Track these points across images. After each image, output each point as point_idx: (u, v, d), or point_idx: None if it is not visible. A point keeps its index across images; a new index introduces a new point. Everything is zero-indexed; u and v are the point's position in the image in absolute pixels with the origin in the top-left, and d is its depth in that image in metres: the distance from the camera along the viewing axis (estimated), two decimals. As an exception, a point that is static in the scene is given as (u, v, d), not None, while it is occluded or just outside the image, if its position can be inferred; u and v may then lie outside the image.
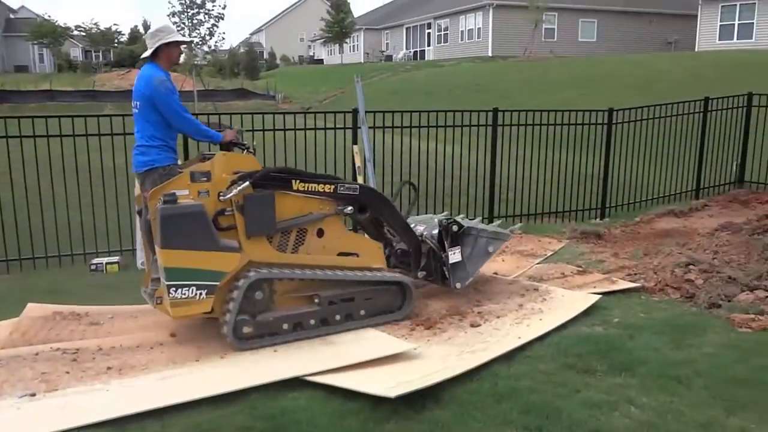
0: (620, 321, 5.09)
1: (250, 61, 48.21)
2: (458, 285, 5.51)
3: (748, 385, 4.00)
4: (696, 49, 29.89)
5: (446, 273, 5.48)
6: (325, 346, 4.63)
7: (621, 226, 8.74)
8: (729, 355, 4.44)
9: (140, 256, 7.31)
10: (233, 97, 30.27)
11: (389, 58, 47.16)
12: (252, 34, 76.83)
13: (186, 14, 27.24)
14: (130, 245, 7.48)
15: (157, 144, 4.73)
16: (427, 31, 44.82)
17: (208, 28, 27.72)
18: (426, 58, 43.15)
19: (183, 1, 26.94)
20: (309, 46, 66.56)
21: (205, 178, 4.48)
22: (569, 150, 9.21)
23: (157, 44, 4.73)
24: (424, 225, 5.72)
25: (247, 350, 4.50)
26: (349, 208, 4.97)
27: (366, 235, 5.50)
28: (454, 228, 5.46)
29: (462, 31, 39.99)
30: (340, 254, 4.99)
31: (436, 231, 5.52)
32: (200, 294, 4.31)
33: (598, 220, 9.35)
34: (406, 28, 47.87)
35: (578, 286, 6.04)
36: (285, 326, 4.64)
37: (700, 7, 30.60)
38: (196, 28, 27.60)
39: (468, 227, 5.54)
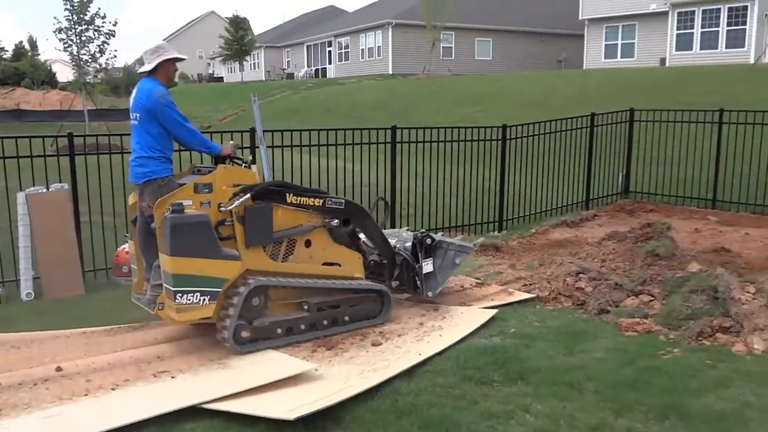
0: (516, 331, 5.24)
1: (146, 79, 46.56)
2: (430, 293, 5.86)
3: (635, 386, 4.20)
4: (584, 67, 31.58)
5: (418, 282, 5.83)
6: (223, 371, 4.50)
7: (518, 238, 9.03)
8: (617, 359, 4.65)
9: (25, 287, 6.91)
10: (128, 117, 28.99)
11: (291, 76, 47.00)
12: (148, 51, 74.48)
13: (74, 30, 26.02)
14: (12, 275, 7.02)
15: (156, 155, 4.85)
16: (328, 49, 45.04)
17: (98, 45, 26.58)
18: (328, 76, 43.30)
19: (70, 18, 25.71)
20: (208, 64, 65.28)
21: (207, 190, 4.72)
22: (467, 165, 9.44)
23: (159, 60, 4.88)
24: (395, 238, 6.07)
25: (151, 379, 4.34)
26: (336, 220, 5.30)
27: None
28: (428, 241, 5.85)
29: (363, 50, 40.45)
30: (325, 264, 5.27)
31: (408, 243, 5.93)
32: (204, 300, 4.53)
33: (496, 232, 9.61)
34: (307, 46, 47.91)
35: (477, 299, 6.19)
36: (279, 331, 4.93)
37: (586, 27, 32.43)
38: (85, 45, 26.40)
39: (439, 240, 5.93)
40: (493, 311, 5.64)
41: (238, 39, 44.10)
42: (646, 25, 29.84)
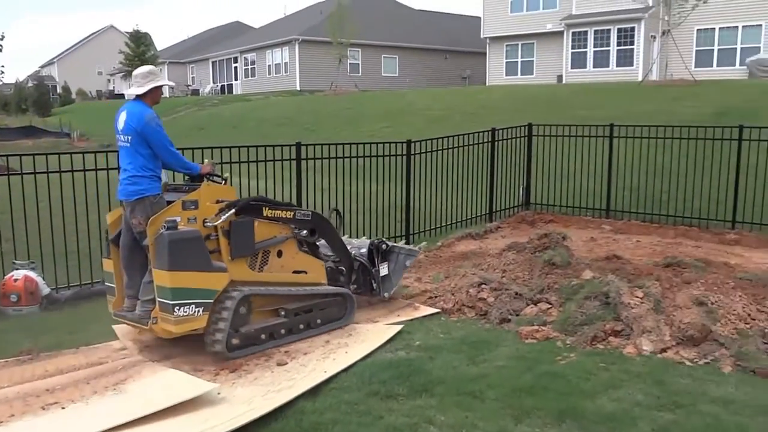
0: (421, 344, 5.31)
1: (39, 96, 44.43)
2: (386, 294, 6.41)
3: (533, 392, 4.35)
4: (487, 84, 32.66)
5: (374, 285, 6.34)
6: (118, 397, 4.31)
7: (424, 252, 9.16)
8: (517, 366, 4.80)
9: None
10: (20, 136, 27.56)
11: (196, 92, 45.98)
12: (42, 66, 71.09)
13: (-43, 45, 24.48)
14: None
15: (148, 174, 5.06)
16: (234, 65, 44.43)
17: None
18: (234, 92, 42.70)
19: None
20: (108, 80, 62.91)
21: (193, 206, 4.92)
22: (373, 180, 9.53)
23: (151, 85, 5.13)
24: (349, 245, 6.42)
25: (39, 412, 4.10)
26: (304, 231, 5.68)
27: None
28: (383, 246, 6.46)
29: (269, 66, 40.17)
30: (294, 272, 5.55)
31: (363, 250, 6.42)
32: (198, 311, 4.73)
33: (403, 246, 9.71)
34: (213, 62, 47.09)
35: (383, 315, 6.23)
36: (263, 336, 5.19)
37: (488, 45, 33.58)
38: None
39: (392, 246, 6.56)
40: (399, 326, 5.70)
41: (139, 54, 42.85)
42: (543, 44, 31.25)
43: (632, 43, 27.32)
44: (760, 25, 25.70)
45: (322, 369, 4.76)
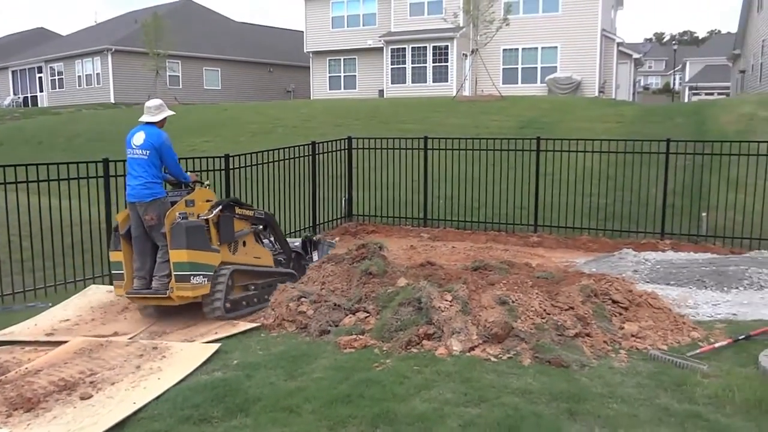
0: (239, 362, 5.19)
1: None
2: None
3: (350, 400, 4.41)
4: (311, 98, 32.92)
5: (306, 268, 7.47)
6: None
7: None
8: (335, 376, 4.84)
9: None
10: None
11: (-7, 104, 41.64)
12: None
13: None
14: None
15: (159, 181, 6.49)
16: (38, 75, 40.82)
17: None
18: (39, 105, 39.21)
19: None
20: None
21: (192, 204, 6.37)
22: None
23: (165, 115, 6.63)
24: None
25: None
26: (261, 226, 7.39)
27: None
28: (314, 239, 8.63)
29: (80, 77, 37.42)
30: (254, 257, 7.07)
31: (298, 243, 8.32)
32: (205, 281, 6.20)
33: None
34: (13, 72, 42.91)
35: (201, 333, 6.02)
36: (244, 303, 6.62)
37: (311, 60, 33.90)
38: None
39: (319, 238, 8.74)
40: (217, 345, 5.53)
41: None
42: (365, 59, 32.16)
43: (446, 61, 28.97)
44: (556, 47, 28.42)
45: (131, 400, 4.49)
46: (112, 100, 34.45)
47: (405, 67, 29.92)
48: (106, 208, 8.28)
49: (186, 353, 5.35)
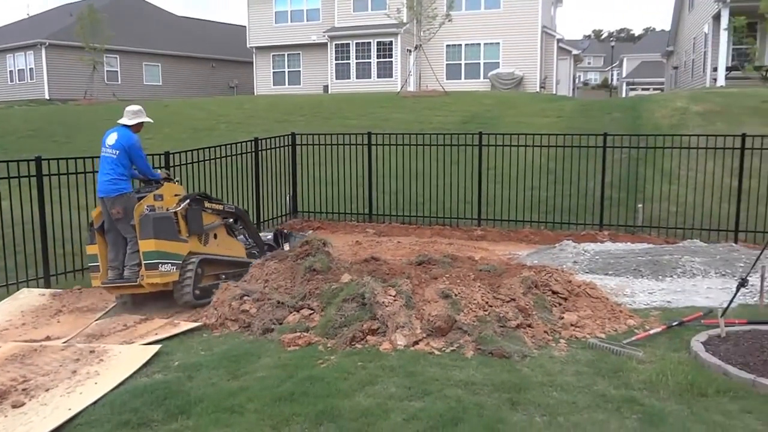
0: (181, 363, 5.10)
1: None
2: None
3: (293, 398, 4.38)
4: (255, 93, 32.50)
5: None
6: None
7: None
8: (278, 375, 4.81)
9: None
10: None
11: None
12: None
13: None
14: None
15: (125, 178, 6.88)
16: (-34, 70, 39.05)
17: None
18: (-32, 101, 37.53)
19: None
20: None
21: (160, 199, 6.83)
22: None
23: (140, 120, 7.14)
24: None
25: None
26: (231, 219, 7.92)
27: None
28: (285, 231, 9.47)
29: (11, 71, 35.93)
30: (225, 249, 7.56)
31: (270, 236, 9.02)
32: (173, 269, 6.60)
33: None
34: (-62, 67, 40.94)
35: (141, 335, 5.88)
36: (214, 291, 6.61)
37: (254, 55, 33.45)
38: None
39: (291, 232, 9.67)
40: (157, 346, 5.42)
41: None
42: (309, 54, 31.92)
43: (390, 56, 29.03)
44: (498, 42, 28.83)
45: (67, 406, 4.35)
46: (47, 96, 33.23)
47: (349, 63, 29.84)
48: (40, 208, 8.00)
49: (125, 356, 5.22)
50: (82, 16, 28.45)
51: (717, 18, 22.49)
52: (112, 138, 6.93)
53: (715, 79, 22.54)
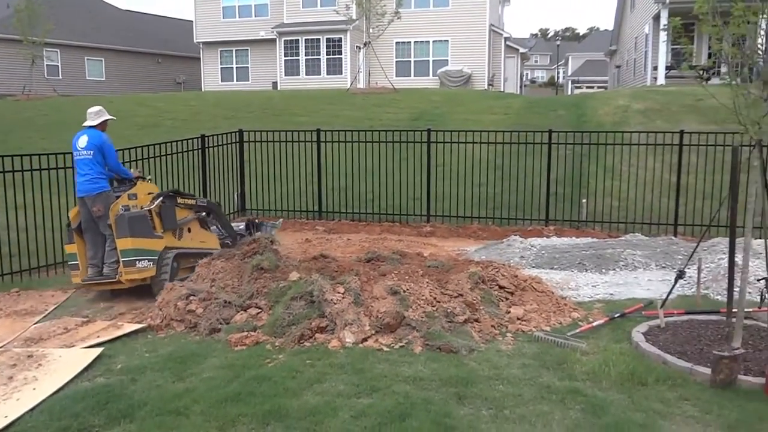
0: (124, 366, 4.98)
1: None
2: None
3: (240, 399, 4.33)
4: (203, 89, 31.93)
5: None
6: None
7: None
8: (225, 375, 4.74)
9: None
10: None
11: None
12: None
13: None
14: None
15: (104, 177, 7.10)
16: None
17: None
18: None
19: None
20: None
21: (134, 197, 7.08)
22: (69, 194, 8.67)
23: (103, 119, 7.32)
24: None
25: None
26: (204, 213, 8.19)
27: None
28: (256, 221, 9.60)
29: (-56, 66, 34.44)
30: (200, 242, 7.90)
31: (242, 226, 9.21)
32: (150, 264, 6.89)
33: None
34: None
35: (82, 338, 5.71)
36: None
37: (201, 50, 32.87)
38: None
39: (262, 221, 9.92)
40: (99, 349, 5.27)
41: None
42: (258, 50, 31.54)
43: (340, 53, 28.92)
44: (447, 40, 29.05)
45: (2, 414, 4.20)
46: (-18, 92, 31.96)
47: (299, 59, 29.61)
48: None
49: (65, 360, 5.06)
50: (19, 7, 27.40)
51: (657, 18, 23.13)
52: (83, 140, 7.13)
53: (656, 78, 23.20)
